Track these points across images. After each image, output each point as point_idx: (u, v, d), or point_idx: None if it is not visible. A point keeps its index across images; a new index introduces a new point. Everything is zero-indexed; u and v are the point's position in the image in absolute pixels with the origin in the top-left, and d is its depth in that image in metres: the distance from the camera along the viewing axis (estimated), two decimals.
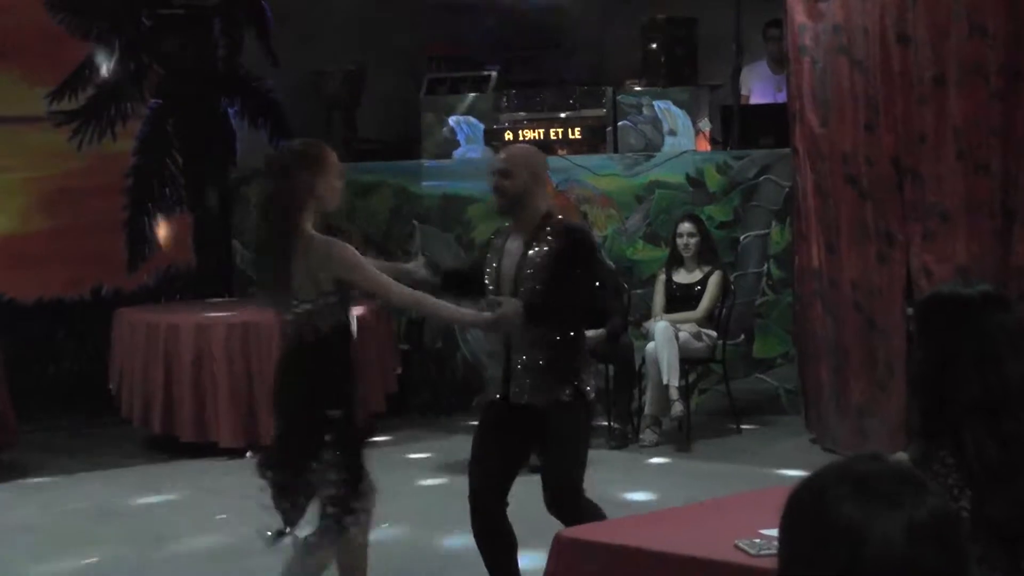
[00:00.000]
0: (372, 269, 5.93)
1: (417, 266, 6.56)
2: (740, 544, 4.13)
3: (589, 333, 10.08)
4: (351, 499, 5.86)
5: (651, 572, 4.25)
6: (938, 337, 3.64)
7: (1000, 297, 3.70)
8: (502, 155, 6.56)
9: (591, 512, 6.05)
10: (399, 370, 11.08)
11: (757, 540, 4.14)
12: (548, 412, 6.10)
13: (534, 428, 6.15)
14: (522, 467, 6.38)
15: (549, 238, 6.18)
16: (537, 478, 6.23)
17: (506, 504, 6.26)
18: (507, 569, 6.27)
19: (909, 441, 3.66)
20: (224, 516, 8.62)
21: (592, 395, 6.24)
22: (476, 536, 6.30)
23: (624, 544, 4.39)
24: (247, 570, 7.31)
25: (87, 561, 7.89)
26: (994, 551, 3.42)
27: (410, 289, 6.08)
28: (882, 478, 2.09)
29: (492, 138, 11.75)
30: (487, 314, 6.07)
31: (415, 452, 10.45)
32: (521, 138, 11.68)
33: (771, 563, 3.99)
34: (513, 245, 6.27)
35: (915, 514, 2.04)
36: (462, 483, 8.80)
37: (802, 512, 2.11)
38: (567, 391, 6.12)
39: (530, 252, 6.18)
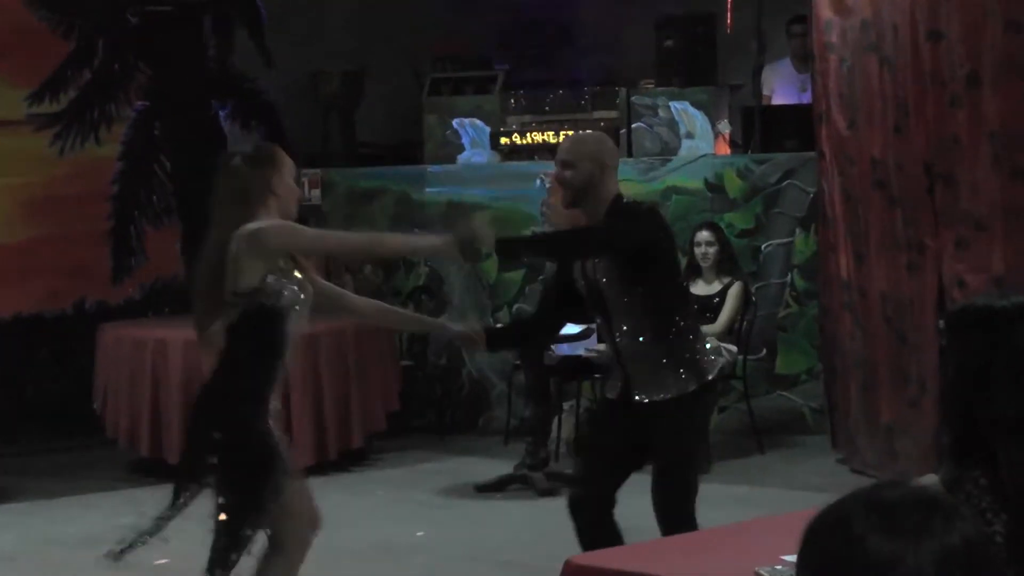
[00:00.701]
0: (305, 229, 6.02)
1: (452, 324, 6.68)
2: (761, 571, 4.14)
3: (601, 346, 10.16)
4: (237, 530, 5.88)
5: None
6: (971, 352, 3.63)
7: None
8: (564, 144, 6.67)
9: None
10: (400, 387, 11.08)
11: (779, 567, 4.15)
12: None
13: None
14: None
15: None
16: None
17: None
18: None
19: (940, 462, 3.66)
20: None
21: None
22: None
23: (638, 571, 4.40)
24: None
25: None
26: None
27: (355, 233, 6.12)
28: (909, 506, 2.09)
29: (498, 142, 11.76)
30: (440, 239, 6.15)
31: (418, 473, 10.45)
32: (529, 142, 11.70)
33: None
34: None
35: (946, 542, 2.04)
36: (467, 506, 8.83)
37: (826, 545, 2.10)
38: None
39: None
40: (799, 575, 2.14)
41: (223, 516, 5.83)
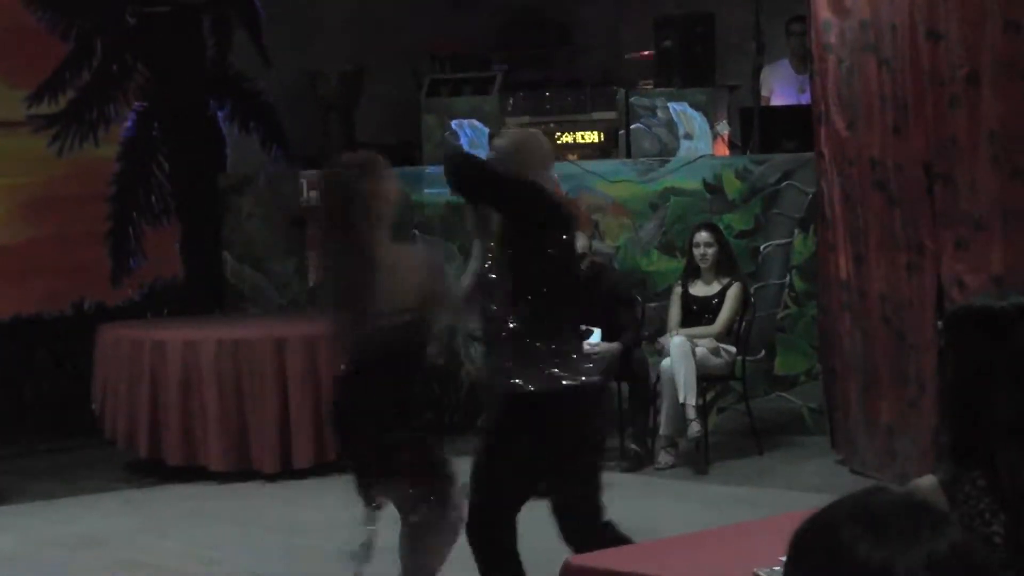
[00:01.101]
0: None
1: None
2: (760, 573, 4.14)
3: (597, 347, 10.17)
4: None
5: None
6: (969, 353, 3.64)
7: None
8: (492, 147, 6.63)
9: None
10: None
11: (777, 568, 4.15)
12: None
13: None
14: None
15: None
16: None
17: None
18: None
19: (939, 462, 3.66)
20: (206, 539, 8.64)
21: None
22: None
23: (636, 572, 4.40)
24: None
25: None
26: None
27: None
28: (896, 513, 2.09)
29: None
30: None
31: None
32: None
33: None
34: None
35: (934, 548, 2.04)
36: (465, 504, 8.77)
37: (815, 554, 2.11)
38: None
39: None
40: None
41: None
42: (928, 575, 2.02)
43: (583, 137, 11.70)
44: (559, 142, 11.69)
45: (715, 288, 10.61)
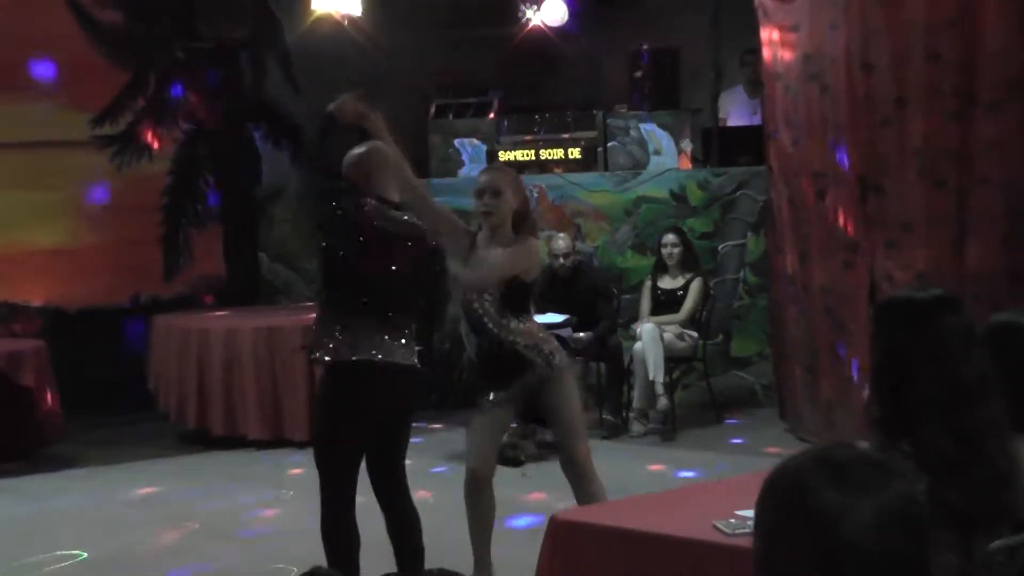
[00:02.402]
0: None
1: None
2: (717, 525, 4.14)
3: (579, 334, 10.17)
4: None
5: (636, 550, 4.26)
6: (895, 338, 3.63)
7: (952, 301, 3.69)
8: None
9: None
10: None
11: (733, 520, 4.15)
12: None
13: None
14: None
15: None
16: None
17: None
18: None
19: (871, 432, 3.66)
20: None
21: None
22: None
23: (612, 525, 4.40)
24: (271, 550, 7.33)
25: (128, 542, 7.91)
26: (948, 534, 3.42)
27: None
28: (856, 464, 2.10)
29: (493, 158, 11.77)
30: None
31: (427, 442, 10.45)
32: (520, 158, 11.70)
33: (745, 542, 4.02)
34: None
35: (884, 498, 2.05)
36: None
37: (781, 496, 2.11)
38: None
39: None
40: (758, 521, 2.15)
41: None
42: (876, 521, 2.03)
43: (567, 153, 11.69)
44: (547, 158, 11.70)
45: (680, 282, 10.62)
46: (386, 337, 5.88)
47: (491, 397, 6.33)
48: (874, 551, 2.01)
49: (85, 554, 7.67)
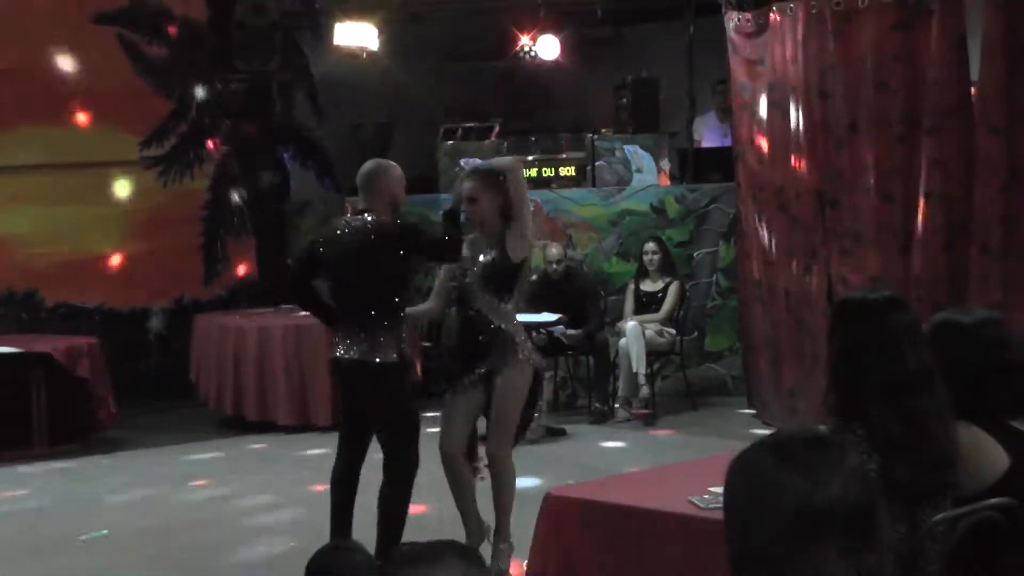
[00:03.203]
0: None
1: None
2: (693, 500, 4.14)
3: (570, 332, 10.17)
4: None
5: (622, 523, 4.26)
6: (850, 333, 3.63)
7: (900, 301, 3.69)
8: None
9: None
10: (422, 363, 11.06)
11: (706, 496, 4.15)
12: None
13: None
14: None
15: None
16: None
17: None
18: None
19: (828, 417, 3.65)
20: (277, 477, 8.63)
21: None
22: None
23: (600, 500, 4.40)
24: (297, 521, 7.32)
25: (175, 516, 7.91)
26: (897, 508, 3.42)
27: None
28: (807, 444, 2.10)
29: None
30: None
31: (436, 428, 10.43)
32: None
33: (718, 515, 4.01)
34: None
35: (840, 468, 2.05)
36: None
37: (742, 479, 2.11)
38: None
39: None
40: (727, 499, 2.14)
41: None
42: (840, 491, 2.03)
43: (560, 171, 11.68)
44: (542, 175, 11.69)
45: (660, 285, 10.61)
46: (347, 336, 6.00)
47: (473, 376, 6.18)
48: (841, 512, 2.01)
49: (136, 525, 7.66)
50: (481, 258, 6.18)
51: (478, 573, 2.01)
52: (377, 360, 5.95)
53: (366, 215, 6.06)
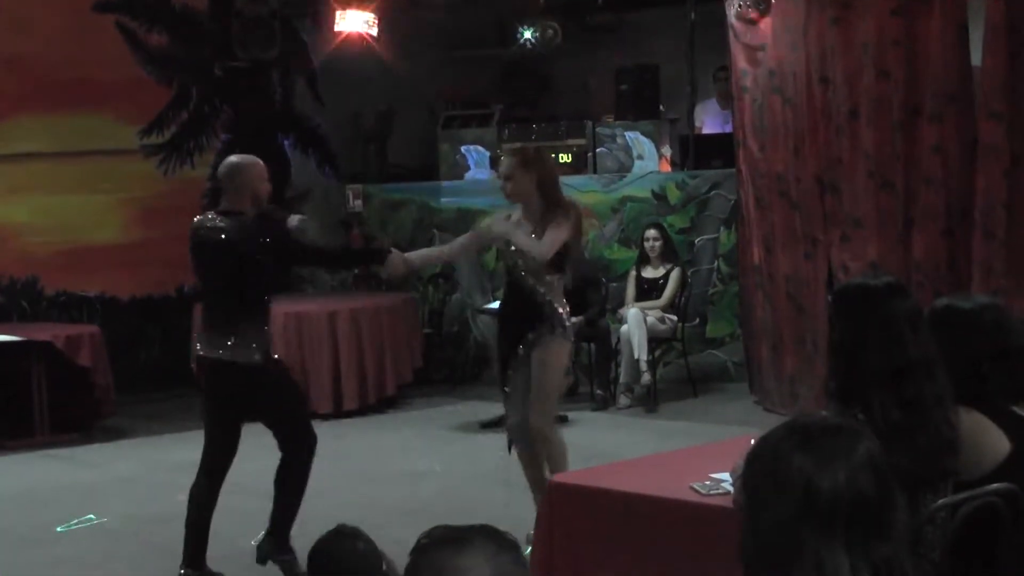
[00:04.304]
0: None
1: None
2: (694, 486, 4.15)
3: (572, 319, 10.16)
4: None
5: (623, 509, 4.27)
6: (851, 319, 3.63)
7: (901, 287, 3.70)
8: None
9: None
10: (423, 349, 11.09)
11: (707, 483, 4.16)
12: None
13: None
14: None
15: None
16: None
17: None
18: None
19: (829, 403, 3.66)
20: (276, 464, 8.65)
21: None
22: None
23: (602, 487, 4.41)
24: (304, 506, 7.35)
25: (175, 504, 7.92)
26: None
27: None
28: (824, 430, 2.11)
29: (496, 163, 11.77)
30: None
31: (437, 414, 10.46)
32: None
33: (719, 501, 4.03)
34: None
35: (855, 455, 2.05)
36: (474, 438, 8.83)
37: (760, 464, 2.12)
38: None
39: None
40: (744, 482, 2.15)
41: None
42: (849, 476, 2.04)
43: (560, 158, 11.67)
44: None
45: (661, 272, 10.61)
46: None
47: (520, 352, 6.30)
48: (846, 499, 2.01)
49: (137, 513, 7.68)
50: (529, 236, 6.28)
51: (509, 557, 1.97)
52: (239, 361, 6.06)
53: (223, 215, 6.20)
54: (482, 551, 1.95)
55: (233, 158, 6.32)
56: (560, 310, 6.32)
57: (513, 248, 6.31)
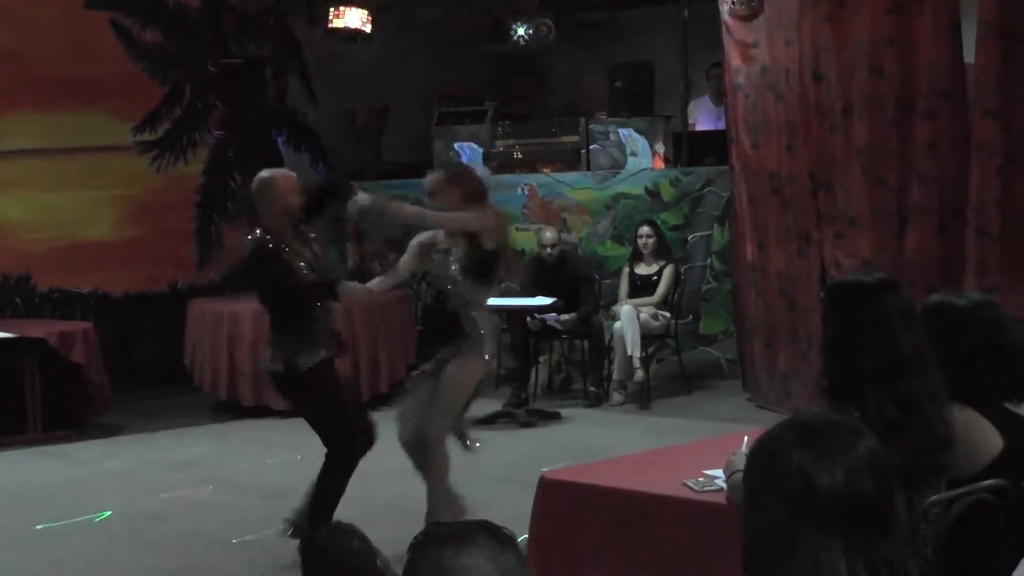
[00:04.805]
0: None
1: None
2: (687, 483, 4.14)
3: (564, 316, 10.18)
4: None
5: (616, 506, 4.26)
6: (844, 316, 3.63)
7: (894, 283, 3.69)
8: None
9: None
10: (417, 346, 11.07)
11: (701, 479, 4.15)
12: None
13: None
14: None
15: None
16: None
17: None
18: None
19: (823, 400, 3.65)
20: (271, 462, 8.65)
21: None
22: None
23: (595, 483, 4.41)
24: (292, 506, 7.32)
25: (167, 499, 7.91)
26: None
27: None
28: (825, 426, 2.10)
29: (490, 159, 11.77)
30: None
31: None
32: (513, 159, 11.68)
33: (712, 497, 4.03)
34: None
35: (854, 453, 2.05)
36: None
37: (761, 460, 2.11)
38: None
39: None
40: (745, 478, 2.14)
41: None
42: (848, 474, 2.03)
43: (554, 155, 11.66)
44: (536, 159, 11.68)
45: (654, 268, 10.61)
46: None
47: (433, 364, 6.34)
48: (844, 497, 2.01)
49: (131, 510, 7.67)
50: (454, 249, 6.33)
51: (512, 554, 1.94)
52: (267, 369, 6.37)
53: (256, 234, 6.30)
54: (484, 549, 1.92)
55: (262, 173, 6.47)
56: (482, 329, 6.29)
57: (436, 257, 6.34)
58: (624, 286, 10.66)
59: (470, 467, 7.01)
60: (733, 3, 9.84)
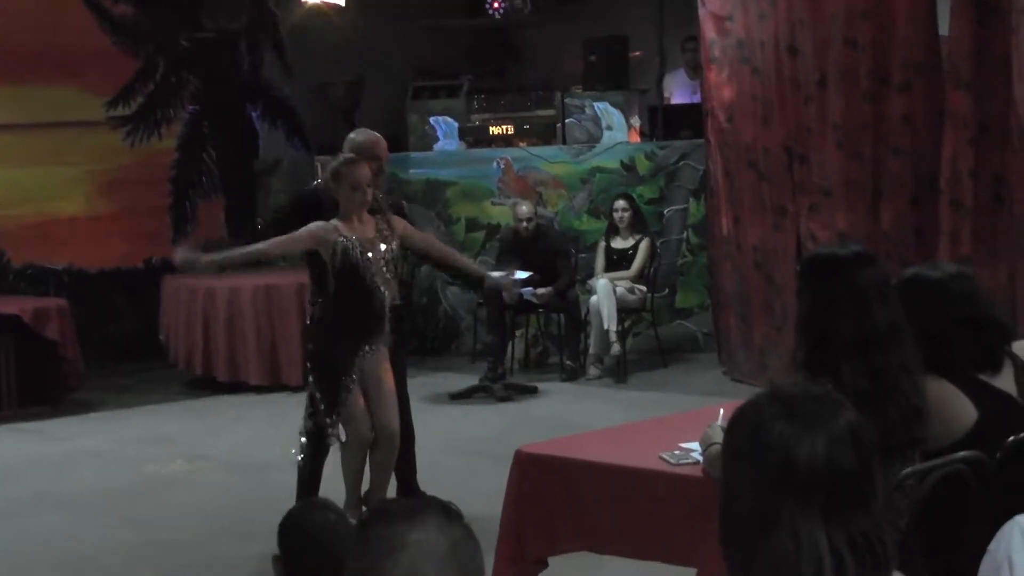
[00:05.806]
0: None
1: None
2: (663, 456, 4.15)
3: (540, 290, 10.17)
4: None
5: (592, 479, 4.27)
6: (819, 289, 3.63)
7: (869, 256, 3.70)
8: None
9: None
10: None
11: (677, 452, 4.16)
12: None
13: None
14: None
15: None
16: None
17: None
18: None
19: (797, 372, 3.66)
20: (247, 436, 8.64)
21: None
22: None
23: (571, 457, 4.41)
24: (269, 480, 7.32)
25: (143, 474, 7.90)
26: None
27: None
28: (806, 398, 2.09)
29: (465, 134, 11.74)
30: None
31: (409, 385, 10.42)
32: (488, 134, 11.66)
33: (689, 471, 4.04)
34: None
35: (835, 425, 2.05)
36: (444, 410, 8.79)
37: (742, 430, 2.10)
38: None
39: None
40: (725, 450, 2.14)
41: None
42: (828, 446, 2.03)
43: (529, 129, 11.64)
44: (511, 133, 11.66)
45: (630, 242, 10.61)
46: None
47: (367, 349, 6.23)
48: (824, 470, 2.01)
49: (107, 486, 7.65)
50: (382, 245, 6.37)
51: (460, 529, 1.96)
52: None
53: None
54: (434, 523, 1.94)
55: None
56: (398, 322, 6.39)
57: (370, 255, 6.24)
58: (600, 260, 10.66)
59: (447, 441, 7.05)
60: None
